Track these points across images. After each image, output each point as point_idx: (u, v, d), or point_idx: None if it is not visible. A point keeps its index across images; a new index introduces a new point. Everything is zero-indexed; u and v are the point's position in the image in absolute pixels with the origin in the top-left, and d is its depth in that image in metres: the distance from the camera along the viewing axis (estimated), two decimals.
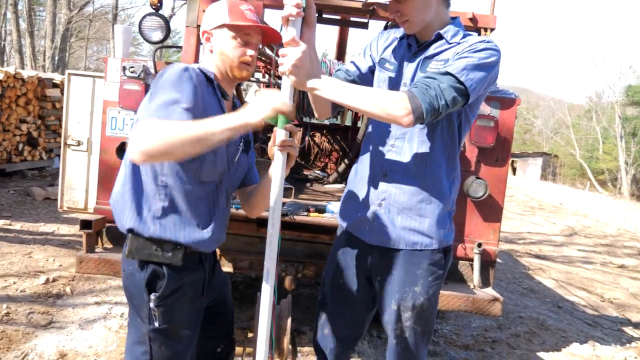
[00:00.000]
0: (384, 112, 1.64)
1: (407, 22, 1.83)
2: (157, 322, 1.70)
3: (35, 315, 3.66)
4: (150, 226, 1.66)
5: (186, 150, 1.48)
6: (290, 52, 1.61)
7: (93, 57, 31.32)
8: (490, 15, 3.24)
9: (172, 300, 1.71)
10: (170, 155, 1.49)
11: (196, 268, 1.78)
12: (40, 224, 6.36)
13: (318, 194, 3.94)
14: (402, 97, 1.64)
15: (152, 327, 1.70)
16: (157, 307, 1.69)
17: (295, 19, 1.63)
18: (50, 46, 20.76)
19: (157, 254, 1.67)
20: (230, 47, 1.71)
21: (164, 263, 1.68)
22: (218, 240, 1.81)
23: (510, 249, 8.41)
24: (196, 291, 1.79)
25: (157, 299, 1.68)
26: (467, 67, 1.69)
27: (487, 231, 3.15)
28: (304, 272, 3.18)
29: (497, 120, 3.06)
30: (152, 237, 1.66)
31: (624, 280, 7.08)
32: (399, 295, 1.92)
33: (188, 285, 1.75)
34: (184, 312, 1.75)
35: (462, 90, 1.69)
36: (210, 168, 1.69)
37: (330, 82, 1.67)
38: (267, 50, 4.66)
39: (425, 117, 1.65)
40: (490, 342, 4.12)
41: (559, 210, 15.23)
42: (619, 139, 32.11)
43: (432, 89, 1.65)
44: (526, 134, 49.67)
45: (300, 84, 1.65)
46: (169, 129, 1.46)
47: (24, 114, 8.99)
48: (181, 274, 1.71)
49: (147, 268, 1.68)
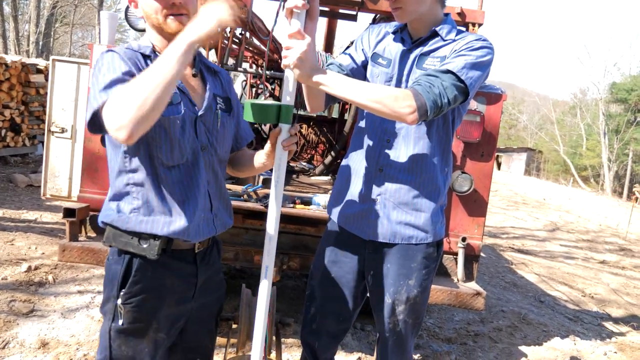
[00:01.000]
0: (389, 109, 1.63)
1: (400, 10, 1.81)
2: (121, 320, 1.57)
3: (16, 304, 3.62)
4: (125, 220, 1.55)
5: (156, 101, 1.32)
6: (295, 45, 1.57)
7: (78, 43, 30.91)
8: (479, 11, 3.25)
9: (143, 300, 1.57)
10: (146, 117, 1.32)
11: (183, 269, 1.64)
12: (23, 211, 6.29)
13: (304, 186, 3.94)
14: (407, 95, 1.63)
15: (114, 325, 1.58)
16: (124, 304, 1.56)
17: (300, 11, 1.59)
18: (35, 31, 20.42)
19: (133, 244, 1.55)
20: (149, 4, 1.53)
21: (139, 255, 1.55)
22: (199, 227, 1.62)
23: (494, 243, 8.50)
24: (180, 295, 1.65)
25: (125, 295, 1.55)
26: (466, 65, 1.71)
27: (471, 226, 3.17)
28: (289, 264, 3.19)
29: (483, 116, 3.08)
30: (127, 230, 1.55)
31: (604, 276, 7.19)
32: (393, 288, 1.93)
33: (169, 287, 1.61)
34: (159, 315, 1.61)
35: (462, 88, 1.71)
36: (169, 149, 1.54)
37: (335, 77, 1.64)
38: (255, 41, 4.62)
39: (429, 115, 1.66)
40: (472, 335, 4.17)
41: (542, 205, 15.41)
42: (602, 136, 32.54)
43: (435, 87, 1.66)
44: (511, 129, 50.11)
45: (305, 78, 1.62)
46: (127, 94, 1.32)
47: (7, 100, 8.84)
48: (161, 274, 1.59)
49: (124, 259, 1.57)
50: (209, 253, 1.75)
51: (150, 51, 1.58)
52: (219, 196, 1.72)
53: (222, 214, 1.74)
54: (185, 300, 1.67)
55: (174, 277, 1.62)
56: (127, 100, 1.31)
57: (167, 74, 1.33)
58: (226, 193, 1.78)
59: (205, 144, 1.65)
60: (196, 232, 1.62)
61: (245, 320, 2.48)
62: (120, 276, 1.56)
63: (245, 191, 3.20)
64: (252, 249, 3.19)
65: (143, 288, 1.57)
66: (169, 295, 1.62)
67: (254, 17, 3.52)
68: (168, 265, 1.60)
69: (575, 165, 34.90)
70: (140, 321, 1.59)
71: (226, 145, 1.76)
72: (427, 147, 1.87)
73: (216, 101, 1.70)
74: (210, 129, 1.67)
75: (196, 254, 1.67)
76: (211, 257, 1.76)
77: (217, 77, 1.78)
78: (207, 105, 1.65)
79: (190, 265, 1.67)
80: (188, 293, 1.67)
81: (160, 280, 1.59)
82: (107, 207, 1.60)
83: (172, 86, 1.36)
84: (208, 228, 1.67)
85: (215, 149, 1.69)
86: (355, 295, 2.04)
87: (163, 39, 1.59)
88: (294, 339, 3.49)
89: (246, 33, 3.82)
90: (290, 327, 2.58)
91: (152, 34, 1.61)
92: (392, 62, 1.91)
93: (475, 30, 3.23)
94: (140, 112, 1.30)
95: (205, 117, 1.64)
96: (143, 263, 1.57)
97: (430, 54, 1.84)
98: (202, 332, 1.82)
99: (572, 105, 41.47)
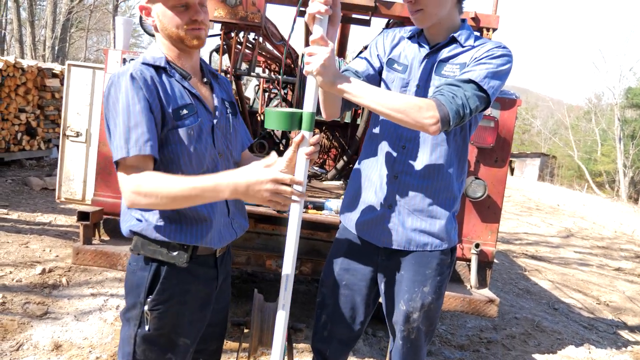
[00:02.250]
0: (412, 119, 1.62)
1: (421, 13, 1.78)
2: (147, 326, 1.59)
3: (30, 306, 3.65)
4: (153, 229, 1.57)
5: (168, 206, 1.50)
6: (319, 52, 1.56)
7: (93, 47, 31.25)
8: (493, 15, 3.23)
9: (169, 307, 1.60)
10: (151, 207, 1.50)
11: (206, 274, 1.68)
12: (38, 214, 6.35)
13: (316, 191, 3.94)
14: (430, 106, 1.63)
15: (140, 331, 1.60)
16: (151, 310, 1.58)
17: (323, 17, 1.57)
18: (51, 36, 20.69)
19: (162, 252, 1.57)
20: (170, 18, 1.55)
21: (168, 263, 1.58)
22: (221, 233, 1.66)
23: (507, 249, 8.43)
24: (204, 300, 1.68)
25: (153, 302, 1.58)
26: (488, 74, 1.70)
27: (485, 232, 3.15)
28: (301, 269, 3.18)
29: (497, 121, 3.06)
30: (156, 239, 1.57)
31: (620, 283, 7.09)
32: (408, 295, 1.92)
33: (194, 293, 1.64)
34: (183, 321, 1.63)
35: (484, 98, 1.70)
36: (187, 160, 1.57)
37: (359, 84, 1.64)
38: (268, 45, 4.64)
39: (451, 125, 1.65)
40: (485, 342, 4.13)
41: (556, 211, 15.26)
42: (617, 142, 32.16)
43: (458, 97, 1.65)
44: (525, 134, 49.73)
45: (328, 85, 1.61)
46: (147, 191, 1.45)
47: (23, 104, 8.96)
48: (187, 280, 1.61)
49: (151, 266, 1.59)
50: (225, 256, 1.79)
51: (165, 62, 1.59)
52: (234, 200, 1.73)
53: (238, 217, 1.77)
54: (207, 305, 1.70)
55: (198, 283, 1.65)
56: (144, 196, 1.45)
57: (189, 202, 1.47)
58: None
59: (223, 150, 1.68)
60: (219, 238, 1.66)
61: (257, 326, 2.48)
62: (148, 283, 1.58)
63: None
64: (263, 254, 3.19)
65: (170, 295, 1.60)
66: (194, 301, 1.65)
67: (267, 22, 3.53)
68: (193, 271, 1.63)
69: (590, 171, 34.51)
70: (167, 327, 1.61)
71: (238, 148, 1.79)
72: (444, 153, 1.86)
73: (225, 106, 1.72)
74: (225, 135, 1.69)
75: (217, 258, 1.71)
76: (226, 260, 1.80)
77: (219, 82, 1.80)
78: (220, 111, 1.68)
79: (212, 270, 1.70)
80: (211, 297, 1.71)
81: (186, 286, 1.62)
82: (131, 216, 1.61)
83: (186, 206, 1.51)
84: (229, 233, 1.71)
85: (231, 153, 1.72)
86: (367, 303, 2.03)
87: (175, 49, 1.61)
88: (306, 344, 3.48)
89: (259, 38, 3.83)
90: (302, 332, 2.57)
91: (165, 44, 1.61)
92: (409, 68, 1.89)
93: (490, 35, 3.22)
94: (149, 206, 1.49)
95: (220, 123, 1.67)
96: (170, 270, 1.59)
97: (450, 61, 1.83)
98: (213, 336, 1.85)
99: (587, 110, 41.04)
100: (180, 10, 1.54)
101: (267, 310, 2.59)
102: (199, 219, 1.59)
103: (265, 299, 2.73)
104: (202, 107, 1.62)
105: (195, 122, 1.57)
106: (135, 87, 1.48)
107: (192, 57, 1.65)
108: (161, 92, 1.53)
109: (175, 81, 1.59)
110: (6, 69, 8.29)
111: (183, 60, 1.63)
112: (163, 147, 1.54)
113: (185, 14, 1.54)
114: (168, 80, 1.57)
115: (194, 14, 1.54)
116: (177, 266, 1.58)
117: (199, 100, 1.62)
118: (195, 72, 1.68)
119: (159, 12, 1.56)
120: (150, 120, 1.48)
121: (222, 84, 1.81)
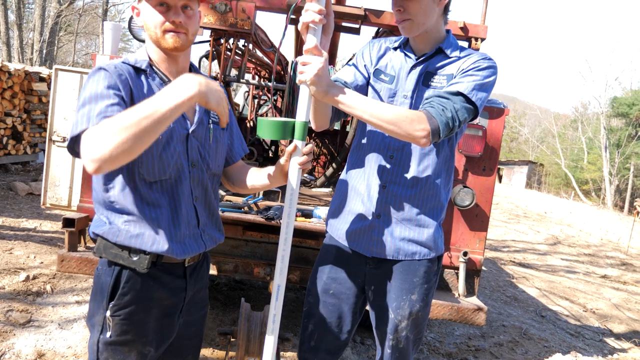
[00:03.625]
0: (404, 131, 1.64)
1: (409, 22, 1.79)
2: (109, 332, 1.54)
3: (13, 313, 3.59)
4: (116, 233, 1.52)
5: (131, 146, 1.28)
6: (313, 61, 1.57)
7: (82, 51, 31.03)
8: (481, 25, 3.25)
9: (131, 313, 1.55)
10: (116, 158, 1.29)
11: (173, 283, 1.62)
12: (23, 220, 6.27)
13: (305, 198, 3.92)
14: (421, 118, 1.64)
15: (102, 337, 1.55)
16: (113, 316, 1.53)
17: (316, 26, 1.58)
18: (39, 39, 20.52)
19: (123, 256, 1.53)
20: (150, 17, 1.52)
21: (129, 267, 1.53)
22: (185, 244, 1.60)
23: (495, 256, 8.46)
24: (169, 309, 1.62)
25: (114, 307, 1.53)
26: (475, 86, 1.73)
27: (473, 240, 3.15)
28: (289, 277, 3.16)
29: (485, 130, 3.07)
30: (117, 243, 1.53)
31: (606, 291, 7.15)
32: (396, 304, 1.92)
33: (157, 300, 1.58)
34: (147, 328, 1.58)
35: (472, 110, 1.73)
36: (150, 165, 1.51)
37: (351, 95, 1.65)
38: (257, 52, 4.63)
39: (441, 137, 1.68)
40: (473, 350, 4.13)
41: (543, 218, 15.37)
42: (603, 150, 32.55)
43: (448, 110, 1.68)
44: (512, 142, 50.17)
45: (322, 95, 1.61)
46: (104, 132, 1.28)
47: (9, 108, 8.87)
48: (150, 286, 1.56)
49: (114, 270, 1.54)
50: (198, 267, 1.72)
51: (146, 65, 1.56)
52: (207, 212, 1.69)
53: (211, 229, 1.71)
54: (173, 314, 1.64)
55: (163, 290, 1.60)
56: (103, 139, 1.28)
57: (147, 126, 1.29)
58: (216, 208, 1.76)
59: (196, 159, 1.62)
60: (182, 250, 1.59)
61: (243, 335, 2.46)
62: (110, 288, 1.54)
63: (246, 203, 3.19)
64: (251, 261, 3.17)
65: (132, 300, 1.55)
66: (157, 308, 1.59)
67: (257, 29, 3.53)
68: (157, 278, 1.58)
69: (577, 179, 34.86)
70: (129, 334, 1.56)
71: (219, 160, 1.73)
72: (432, 162, 1.87)
73: (209, 115, 1.68)
74: (203, 144, 1.64)
75: (186, 268, 1.65)
76: (200, 272, 1.74)
77: None
78: (199, 119, 1.63)
79: (179, 279, 1.64)
80: (177, 307, 1.65)
81: (149, 293, 1.57)
82: (97, 218, 1.59)
83: (150, 136, 1.31)
84: (196, 244, 1.65)
85: (207, 164, 1.67)
86: (354, 311, 2.02)
87: (160, 52, 1.58)
88: (293, 352, 3.46)
89: (249, 45, 3.82)
90: (289, 341, 2.55)
91: (150, 45, 1.59)
92: (396, 78, 1.90)
93: (478, 45, 3.23)
94: (117, 153, 1.28)
95: (197, 132, 1.62)
96: (132, 275, 1.55)
97: (437, 72, 1.84)
98: (188, 349, 1.79)
99: (574, 118, 41.51)
100: (161, 10, 1.51)
101: (255, 319, 2.57)
102: (158, 228, 1.54)
103: (253, 308, 2.71)
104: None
105: (166, 129, 1.50)
106: (106, 76, 1.45)
107: (177, 62, 1.61)
108: (134, 89, 1.49)
109: (154, 84, 1.55)
110: None
111: (168, 64, 1.59)
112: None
113: (165, 14, 1.51)
114: (146, 82, 1.54)
115: (173, 15, 1.51)
116: (138, 271, 1.54)
117: None
118: None
119: (143, 11, 1.54)
120: (117, 97, 1.43)
121: None
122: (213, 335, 3.58)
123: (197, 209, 1.64)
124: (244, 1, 3.12)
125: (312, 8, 1.56)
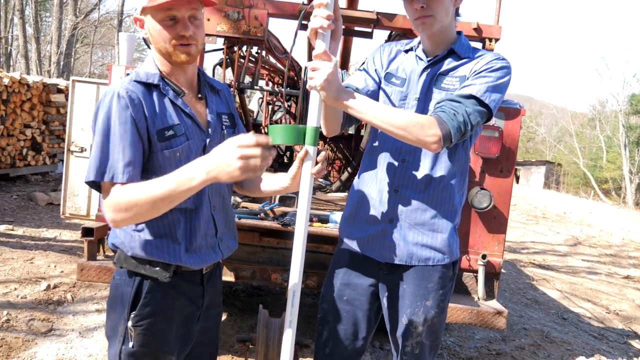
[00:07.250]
0: (414, 137, 1.62)
1: (430, 18, 1.77)
2: (131, 342, 1.55)
3: (35, 322, 3.63)
4: (136, 245, 1.54)
5: (150, 217, 1.44)
6: (322, 66, 1.56)
7: (98, 62, 31.48)
8: (495, 26, 3.23)
9: (153, 322, 1.56)
10: (140, 220, 1.46)
11: (192, 290, 1.64)
12: (43, 230, 6.35)
13: (321, 203, 3.92)
14: (432, 123, 1.62)
15: (124, 348, 1.56)
16: (135, 327, 1.54)
17: (325, 32, 1.57)
18: (56, 52, 20.86)
19: (145, 266, 1.54)
20: (158, 32, 1.50)
21: (151, 277, 1.55)
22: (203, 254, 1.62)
23: (514, 258, 8.37)
24: (189, 317, 1.64)
25: (136, 317, 1.54)
26: (488, 88, 1.70)
27: (491, 242, 3.12)
28: (307, 282, 3.15)
29: (501, 131, 3.04)
30: (136, 257, 1.55)
31: (629, 292, 7.02)
32: (410, 310, 1.89)
33: (179, 309, 1.60)
34: (169, 337, 1.59)
35: (485, 113, 1.71)
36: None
37: (362, 100, 1.64)
38: (271, 58, 4.65)
39: (453, 142, 1.66)
40: (494, 354, 4.08)
41: (562, 219, 15.17)
42: (623, 148, 32.04)
43: (459, 114, 1.65)
44: (529, 142, 49.63)
45: (332, 100, 1.60)
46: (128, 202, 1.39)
47: (29, 119, 9.02)
48: (171, 295, 1.58)
49: (134, 280, 1.56)
50: (213, 274, 1.74)
51: (158, 79, 1.55)
52: (224, 220, 1.71)
53: (227, 237, 1.73)
54: (193, 322, 1.66)
55: (183, 299, 1.62)
56: (123, 212, 1.41)
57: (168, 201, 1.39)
58: (232, 216, 1.77)
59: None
60: (201, 260, 1.61)
61: (262, 342, 2.46)
62: (131, 298, 1.55)
63: (262, 209, 3.19)
64: (268, 267, 3.17)
65: (154, 310, 1.56)
66: (178, 317, 1.61)
67: (270, 36, 3.54)
68: (178, 286, 1.60)
69: (596, 178, 34.35)
70: (151, 344, 1.57)
71: None
72: (445, 166, 1.84)
73: (221, 120, 1.68)
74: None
75: (203, 275, 1.67)
76: (215, 278, 1.76)
77: (219, 95, 1.76)
78: (213, 127, 1.64)
79: (197, 287, 1.66)
80: (195, 314, 1.67)
81: (170, 302, 1.59)
82: (114, 230, 1.59)
83: (164, 210, 1.44)
84: (214, 254, 1.66)
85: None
86: (369, 318, 2.00)
87: (169, 64, 1.57)
88: (312, 358, 3.44)
89: (262, 51, 3.84)
90: (308, 348, 2.54)
91: (158, 57, 1.58)
92: (407, 81, 1.88)
93: (493, 45, 3.21)
94: (133, 220, 1.44)
95: (214, 140, 1.61)
96: (154, 285, 1.56)
97: (449, 74, 1.82)
98: (205, 356, 1.80)
99: (591, 117, 40.94)
100: (168, 24, 1.49)
101: (273, 326, 2.57)
102: (177, 239, 1.55)
103: (271, 314, 2.70)
104: (194, 127, 1.58)
105: (183, 144, 1.53)
106: (120, 107, 1.45)
107: (186, 72, 1.61)
108: (147, 111, 1.49)
109: (168, 99, 1.55)
110: (11, 85, 8.35)
111: (177, 75, 1.59)
112: (148, 170, 1.50)
113: (173, 28, 1.49)
114: (158, 99, 1.53)
115: (182, 29, 1.49)
116: (160, 281, 1.55)
117: (192, 120, 1.58)
118: (191, 87, 1.64)
119: (150, 25, 1.53)
120: (133, 145, 1.45)
121: (223, 95, 1.77)
122: (232, 342, 3.58)
123: (215, 219, 1.65)
124: (256, 8, 3.13)
125: (320, 14, 1.56)
